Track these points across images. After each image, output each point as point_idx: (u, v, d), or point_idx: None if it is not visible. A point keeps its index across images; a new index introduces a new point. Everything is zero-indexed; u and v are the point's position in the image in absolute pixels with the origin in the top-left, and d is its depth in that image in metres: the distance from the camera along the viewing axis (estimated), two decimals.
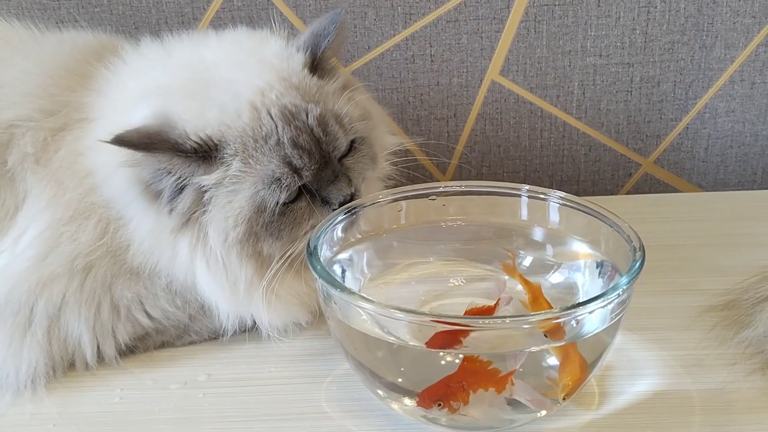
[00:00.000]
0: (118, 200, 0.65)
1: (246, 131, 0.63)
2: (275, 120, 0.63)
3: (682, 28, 0.97)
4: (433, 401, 0.54)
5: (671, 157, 1.04)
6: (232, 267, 0.65)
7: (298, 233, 0.65)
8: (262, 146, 0.63)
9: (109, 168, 0.64)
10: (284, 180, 0.63)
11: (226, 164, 0.63)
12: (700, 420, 0.58)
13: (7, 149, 0.66)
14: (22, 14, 0.90)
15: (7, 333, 0.63)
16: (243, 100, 0.64)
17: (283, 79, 0.65)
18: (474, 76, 0.99)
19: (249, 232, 0.63)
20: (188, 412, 0.61)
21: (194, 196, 0.63)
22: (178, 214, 0.64)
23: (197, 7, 0.94)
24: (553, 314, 0.55)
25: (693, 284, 0.76)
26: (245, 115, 0.63)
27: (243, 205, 0.63)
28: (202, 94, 0.64)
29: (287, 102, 0.64)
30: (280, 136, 0.63)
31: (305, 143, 0.64)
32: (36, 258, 0.64)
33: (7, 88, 0.67)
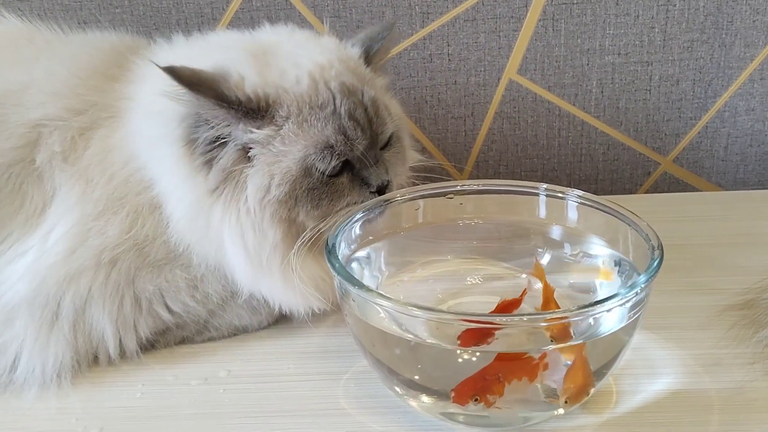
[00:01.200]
0: (161, 177, 0.66)
1: (303, 97, 0.65)
2: (333, 92, 0.66)
3: (702, 26, 0.96)
4: (470, 396, 0.53)
5: (690, 156, 1.04)
6: (263, 227, 0.65)
7: (334, 207, 0.66)
8: (318, 113, 0.65)
9: (154, 143, 0.66)
10: (337, 147, 0.65)
11: (276, 125, 0.64)
12: (718, 419, 0.58)
13: (35, 148, 0.67)
14: (44, 15, 0.92)
15: (35, 327, 0.64)
16: (304, 69, 0.66)
17: (341, 60, 0.69)
18: (492, 74, 0.99)
19: (290, 193, 0.65)
20: (208, 407, 0.62)
21: (237, 153, 0.65)
22: (218, 170, 0.64)
23: (216, 7, 0.95)
24: (575, 312, 0.55)
25: (711, 283, 0.75)
26: (304, 83, 0.66)
27: (291, 166, 0.64)
28: (263, 59, 0.67)
29: (345, 79, 0.67)
30: (337, 106, 0.66)
31: (360, 118, 0.66)
32: (65, 253, 0.65)
33: (34, 88, 0.68)
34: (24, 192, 0.67)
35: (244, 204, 0.65)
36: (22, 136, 0.67)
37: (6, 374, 0.64)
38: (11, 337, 0.64)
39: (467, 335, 0.55)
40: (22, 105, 0.68)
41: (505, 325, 0.55)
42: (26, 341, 0.64)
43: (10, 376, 0.64)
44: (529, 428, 0.58)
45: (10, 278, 0.65)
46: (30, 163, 0.67)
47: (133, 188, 0.67)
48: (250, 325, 0.71)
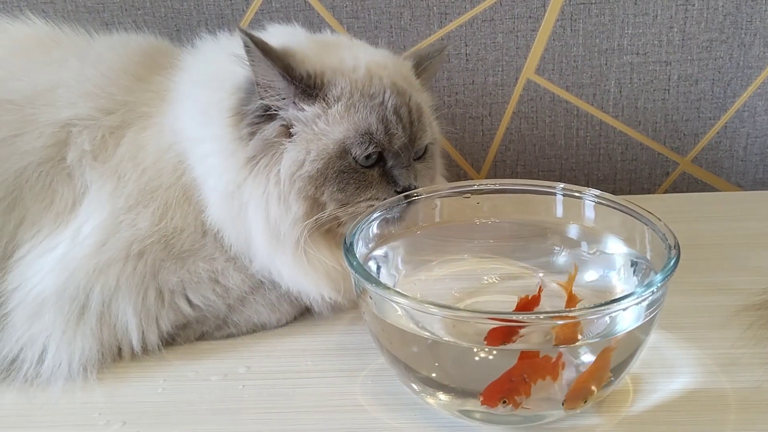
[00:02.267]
0: (202, 157, 0.68)
1: (357, 83, 0.68)
2: (384, 86, 0.69)
3: (721, 25, 0.96)
4: (498, 398, 0.54)
5: (709, 156, 1.04)
6: (289, 200, 0.67)
7: (358, 196, 0.68)
8: (367, 101, 0.68)
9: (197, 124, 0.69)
10: (376, 136, 0.67)
11: (327, 103, 0.67)
12: (735, 418, 0.58)
13: (64, 147, 0.69)
14: (68, 16, 0.93)
15: (63, 320, 0.66)
16: (361, 61, 0.70)
17: (395, 65, 0.73)
18: (509, 74, 1.00)
19: (322, 171, 0.67)
20: (228, 403, 0.63)
21: (280, 128, 0.67)
22: (259, 139, 0.67)
23: (236, 9, 0.96)
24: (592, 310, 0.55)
25: (729, 283, 0.75)
26: (360, 71, 0.69)
27: (329, 144, 0.67)
28: (324, 48, 0.71)
29: (396, 80, 0.71)
30: (385, 99, 0.68)
31: (403, 116, 0.69)
32: (96, 245, 0.67)
33: (63, 88, 0.70)
34: (54, 190, 0.68)
35: (276, 175, 0.67)
36: (51, 136, 0.68)
37: (33, 367, 0.65)
38: (39, 330, 0.65)
39: (494, 334, 0.56)
40: (52, 105, 0.69)
41: (531, 322, 0.55)
42: (54, 334, 0.65)
43: (37, 369, 0.65)
44: (545, 426, 0.58)
45: (40, 271, 0.66)
46: (59, 162, 0.68)
47: (165, 181, 0.69)
48: (268, 322, 0.72)
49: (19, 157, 0.68)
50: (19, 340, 0.65)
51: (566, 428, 0.58)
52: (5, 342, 0.66)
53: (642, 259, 0.64)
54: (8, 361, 0.65)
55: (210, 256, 0.69)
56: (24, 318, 0.66)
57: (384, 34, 0.97)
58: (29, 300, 0.66)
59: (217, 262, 0.70)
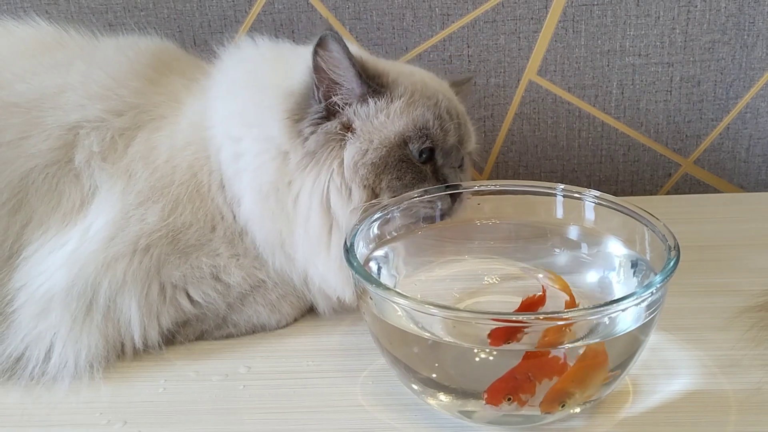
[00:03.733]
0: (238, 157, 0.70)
1: (416, 84, 0.72)
2: (438, 91, 0.74)
3: (723, 27, 0.96)
4: (503, 396, 0.54)
5: (712, 157, 1.03)
6: (351, 188, 0.69)
7: (412, 187, 0.70)
8: (425, 101, 0.72)
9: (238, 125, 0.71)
10: (432, 131, 0.71)
11: (389, 99, 0.70)
12: (735, 419, 0.58)
13: (72, 149, 0.69)
14: (72, 18, 0.94)
15: (70, 317, 0.66)
16: (416, 69, 0.76)
17: (439, 80, 0.77)
18: (511, 76, 1.00)
19: (384, 158, 0.69)
20: (229, 403, 0.63)
21: (344, 122, 0.69)
22: (321, 133, 0.69)
23: (239, 10, 0.96)
24: (591, 310, 0.55)
25: (731, 285, 0.75)
26: (416, 77, 0.74)
27: (390, 135, 0.69)
28: (375, 58, 0.75)
29: (445, 89, 0.76)
30: (439, 100, 0.72)
31: (455, 116, 0.73)
32: (104, 240, 0.67)
33: (70, 91, 0.71)
34: (60, 191, 0.68)
35: (339, 166, 0.68)
36: (58, 138, 0.69)
37: (39, 365, 0.65)
38: (46, 328, 0.66)
39: (497, 333, 0.56)
40: (59, 108, 0.70)
41: (530, 323, 0.55)
42: (61, 331, 0.66)
43: (44, 367, 0.65)
44: (545, 426, 0.58)
45: (49, 269, 0.67)
46: (66, 164, 0.69)
47: (178, 178, 0.70)
48: (268, 323, 0.72)
49: (25, 159, 0.68)
50: (24, 338, 0.66)
51: (566, 429, 0.58)
52: (11, 340, 0.66)
53: (642, 260, 0.64)
54: (13, 359, 0.66)
55: (215, 252, 0.70)
56: (31, 316, 0.66)
57: (386, 35, 0.97)
58: (37, 297, 0.66)
59: (221, 258, 0.70)
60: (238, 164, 0.70)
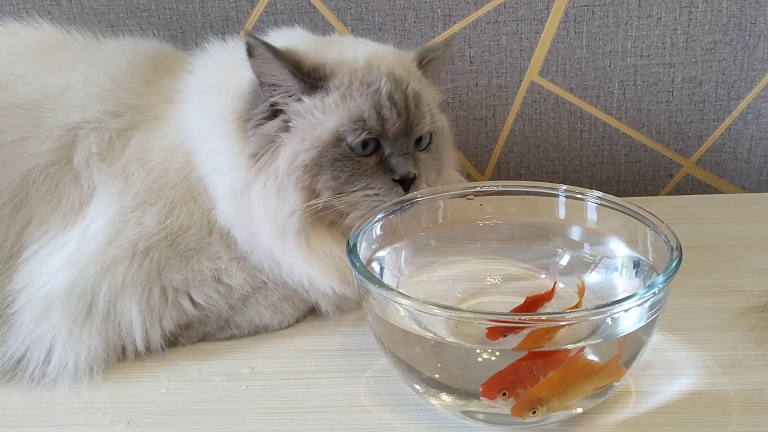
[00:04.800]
0: (209, 159, 0.70)
1: (356, 72, 0.69)
2: (382, 74, 0.70)
3: (725, 27, 0.96)
4: (498, 390, 0.53)
5: (713, 157, 1.03)
6: (287, 192, 0.68)
7: (352, 185, 0.69)
8: (363, 89, 0.69)
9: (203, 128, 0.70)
10: (368, 123, 0.68)
11: (326, 92, 0.69)
12: (737, 420, 0.58)
13: (71, 149, 0.69)
14: (74, 19, 0.94)
15: (70, 319, 0.66)
16: (362, 53, 0.72)
17: (396, 55, 0.74)
18: (513, 76, 1.00)
19: (317, 160, 0.68)
20: (232, 403, 0.63)
21: (281, 122, 0.69)
22: (259, 136, 0.68)
23: (241, 11, 0.96)
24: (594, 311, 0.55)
25: (733, 285, 0.75)
26: (360, 61, 0.71)
27: (323, 133, 0.68)
28: (324, 45, 0.73)
29: (395, 69, 0.71)
30: (381, 86, 0.69)
31: (399, 102, 0.69)
32: (103, 243, 0.67)
33: (71, 92, 0.71)
34: (60, 191, 0.69)
35: (275, 170, 0.68)
36: (58, 139, 0.69)
37: (39, 367, 0.65)
38: (46, 330, 0.66)
39: (494, 327, 0.56)
40: (60, 108, 0.70)
41: (532, 323, 0.55)
42: (60, 333, 0.66)
43: (44, 369, 0.65)
44: (547, 426, 0.58)
45: (48, 270, 0.67)
46: (66, 164, 0.69)
47: (171, 180, 0.69)
48: (270, 324, 0.72)
49: (26, 159, 0.68)
50: (25, 340, 0.66)
51: (568, 429, 0.58)
52: (11, 342, 0.66)
53: (644, 260, 0.64)
54: (14, 361, 0.66)
55: (215, 255, 0.70)
56: (31, 317, 0.66)
57: (388, 36, 0.97)
58: (37, 299, 0.66)
59: (222, 261, 0.70)
60: (211, 164, 0.70)
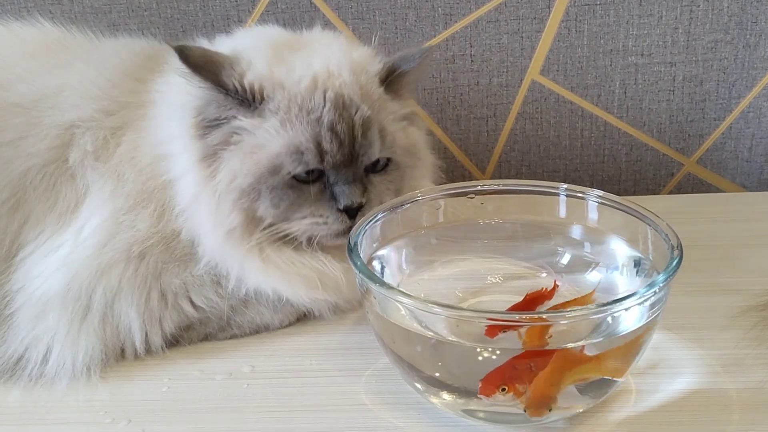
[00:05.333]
0: (175, 163, 0.69)
1: (296, 97, 0.66)
2: (326, 101, 0.66)
3: (726, 26, 0.96)
4: (497, 386, 0.53)
5: (714, 156, 1.03)
6: (224, 210, 0.67)
7: (295, 213, 0.67)
8: (303, 117, 0.66)
9: (170, 129, 0.69)
10: (306, 155, 0.66)
11: (264, 117, 0.66)
12: (737, 418, 0.58)
13: (68, 148, 0.69)
14: (75, 18, 0.94)
15: (67, 320, 0.66)
16: (310, 71, 0.67)
17: (353, 73, 0.69)
18: (514, 75, 1.00)
19: (254, 186, 0.66)
20: (232, 402, 0.63)
21: (226, 135, 0.67)
22: (206, 144, 0.67)
23: (242, 10, 0.96)
24: (594, 310, 0.55)
25: (733, 284, 0.75)
26: (304, 84, 0.67)
27: (261, 159, 0.66)
28: (281, 54, 0.69)
29: (345, 92, 0.67)
30: (322, 115, 0.66)
31: (341, 133, 0.66)
32: (97, 246, 0.67)
33: (68, 91, 0.71)
34: (57, 190, 0.69)
35: (215, 185, 0.67)
36: (56, 138, 0.69)
37: (38, 366, 0.65)
38: (44, 330, 0.66)
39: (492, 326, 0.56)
40: (57, 108, 0.70)
41: (527, 322, 0.55)
42: (58, 334, 0.66)
43: (42, 369, 0.65)
44: (549, 425, 0.58)
45: (44, 272, 0.67)
46: (63, 163, 0.69)
47: (160, 182, 0.69)
48: (271, 323, 0.72)
49: (24, 158, 0.68)
50: (23, 339, 0.66)
51: (569, 427, 0.58)
52: (10, 342, 0.66)
53: (645, 259, 0.64)
54: (13, 360, 0.66)
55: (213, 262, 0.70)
56: (28, 318, 0.66)
57: (389, 35, 0.97)
58: (33, 300, 0.66)
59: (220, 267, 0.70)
60: (174, 169, 0.69)
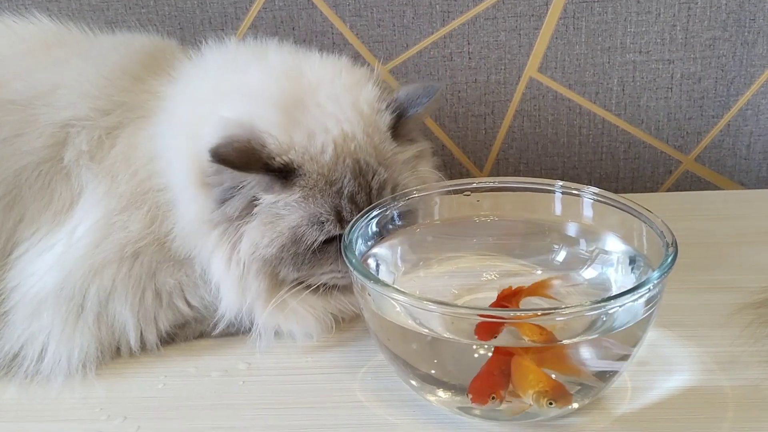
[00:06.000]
0: (174, 186, 0.68)
1: (323, 169, 0.65)
2: (346, 170, 0.66)
3: (724, 24, 0.96)
4: (488, 395, 0.54)
5: (712, 154, 1.03)
6: (248, 279, 0.67)
7: (317, 270, 0.68)
8: (326, 189, 0.66)
9: (174, 155, 0.67)
10: (327, 225, 0.66)
11: (293, 191, 0.65)
12: (733, 416, 0.58)
13: (63, 147, 0.69)
14: (72, 15, 0.94)
15: (62, 318, 0.66)
16: (329, 137, 0.66)
17: (367, 134, 0.68)
18: (512, 73, 1.00)
19: (277, 255, 0.66)
20: (228, 398, 0.63)
21: (245, 205, 0.66)
22: (222, 213, 0.66)
23: (240, 7, 0.96)
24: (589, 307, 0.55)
25: (730, 281, 0.75)
26: (328, 153, 0.66)
27: (284, 231, 0.65)
28: (294, 113, 0.66)
29: (362, 157, 0.67)
30: (344, 186, 0.66)
31: (360, 201, 0.67)
32: (90, 246, 0.67)
33: (64, 88, 0.70)
34: (52, 189, 0.69)
35: (237, 254, 0.66)
36: (51, 136, 0.69)
37: (33, 364, 0.66)
38: (39, 328, 0.66)
39: (481, 329, 0.56)
40: (52, 105, 0.69)
41: (519, 319, 0.56)
42: (53, 332, 0.66)
43: (37, 366, 0.66)
44: (543, 422, 0.58)
45: (39, 270, 0.67)
46: (58, 162, 0.69)
47: (155, 184, 0.69)
48: None
49: (19, 156, 0.68)
50: (19, 337, 0.66)
51: (564, 425, 0.58)
52: (6, 339, 0.66)
53: (640, 256, 0.64)
54: (9, 357, 0.66)
55: None
56: (24, 316, 0.66)
57: (387, 32, 0.97)
58: (29, 298, 0.66)
59: None
60: (175, 191, 0.68)
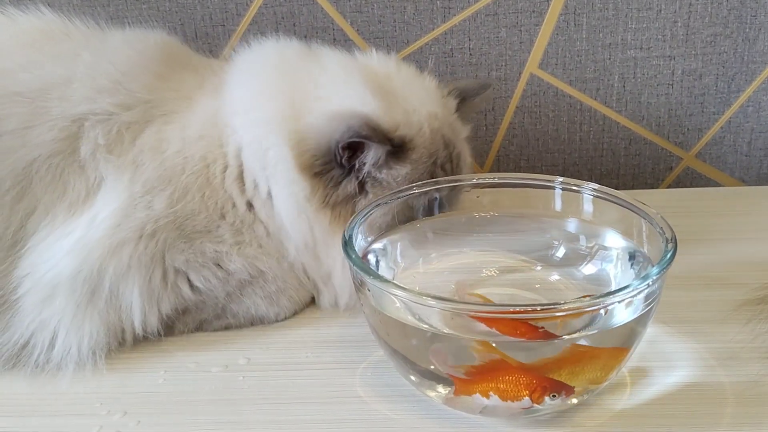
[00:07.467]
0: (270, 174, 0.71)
1: (426, 144, 0.72)
2: (439, 143, 0.73)
3: (725, 20, 0.96)
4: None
5: (713, 150, 1.03)
6: None
7: None
8: (428, 160, 0.72)
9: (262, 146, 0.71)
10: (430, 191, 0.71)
11: (404, 164, 0.71)
12: (732, 412, 0.58)
13: (76, 140, 0.69)
14: (74, 10, 0.94)
15: (74, 303, 0.66)
16: (422, 116, 0.73)
17: (444, 112, 0.76)
18: (513, 69, 1.00)
19: (390, 224, 0.70)
20: (228, 393, 0.63)
21: (358, 184, 0.71)
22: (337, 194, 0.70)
23: (240, 3, 0.96)
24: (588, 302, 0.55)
25: (730, 278, 0.75)
26: (426, 131, 0.72)
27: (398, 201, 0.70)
28: (385, 98, 0.72)
29: (446, 132, 0.74)
30: (438, 156, 0.73)
31: (448, 170, 0.74)
32: (111, 227, 0.67)
33: (77, 83, 0.71)
34: (65, 181, 0.69)
35: None
36: (63, 129, 0.69)
37: (44, 353, 0.66)
38: (50, 314, 0.66)
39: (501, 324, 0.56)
40: (66, 99, 0.69)
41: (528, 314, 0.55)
42: (64, 319, 0.66)
43: (48, 355, 0.66)
44: (541, 417, 0.58)
45: (55, 255, 0.67)
46: (71, 155, 0.69)
47: (189, 168, 0.70)
48: (266, 316, 0.72)
49: (29, 149, 0.68)
50: (30, 325, 0.66)
51: (563, 420, 0.58)
52: (16, 327, 0.66)
53: (640, 252, 0.64)
54: (19, 346, 0.66)
55: (219, 238, 0.70)
56: (35, 302, 0.66)
57: (387, 28, 0.97)
58: (42, 284, 0.66)
59: (224, 244, 0.70)
60: (268, 172, 0.71)
